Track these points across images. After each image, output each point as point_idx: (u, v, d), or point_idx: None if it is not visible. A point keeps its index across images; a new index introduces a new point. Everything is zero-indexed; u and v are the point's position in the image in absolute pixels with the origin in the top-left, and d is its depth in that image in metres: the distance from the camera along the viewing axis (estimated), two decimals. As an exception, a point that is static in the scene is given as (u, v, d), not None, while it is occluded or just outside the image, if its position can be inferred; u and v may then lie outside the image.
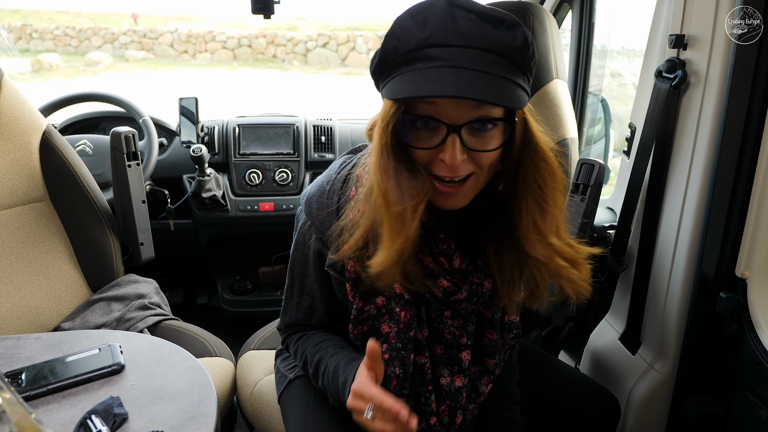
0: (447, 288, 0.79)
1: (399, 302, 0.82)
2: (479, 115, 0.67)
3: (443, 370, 0.86)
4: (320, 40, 15.19)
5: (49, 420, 0.78)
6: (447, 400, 0.86)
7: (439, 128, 0.68)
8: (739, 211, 1.01)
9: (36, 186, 1.32)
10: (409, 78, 0.66)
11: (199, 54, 15.54)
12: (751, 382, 0.99)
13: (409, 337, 0.83)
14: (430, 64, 0.65)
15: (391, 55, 0.68)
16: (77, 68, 13.63)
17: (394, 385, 0.84)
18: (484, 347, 0.87)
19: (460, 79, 0.63)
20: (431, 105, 0.67)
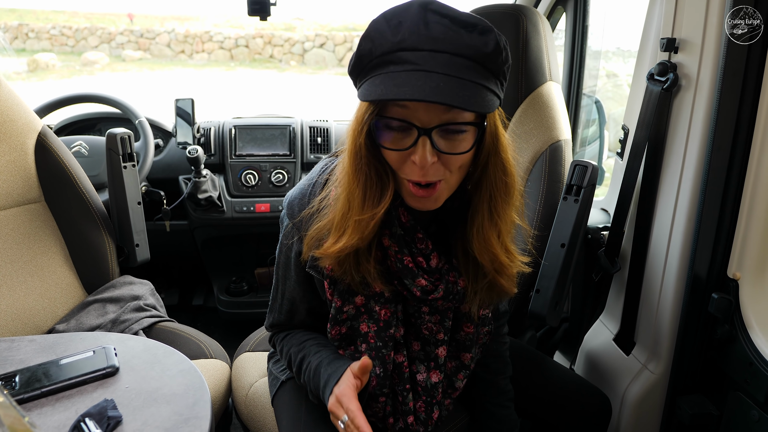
0: (425, 287, 0.81)
1: (379, 301, 0.84)
2: (449, 118, 0.69)
3: (419, 366, 0.88)
4: (317, 41, 15.17)
5: (43, 423, 0.78)
6: (423, 395, 0.88)
7: (410, 131, 0.70)
8: (730, 212, 1.02)
9: (31, 187, 1.32)
10: (381, 80, 0.67)
11: (196, 54, 15.50)
12: (743, 382, 1.00)
13: (389, 335, 0.85)
14: (402, 67, 0.66)
15: (366, 57, 0.69)
16: (74, 68, 13.58)
17: (373, 385, 0.85)
18: (460, 342, 0.90)
19: (429, 83, 0.64)
20: (403, 108, 0.69)
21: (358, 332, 0.87)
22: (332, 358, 0.86)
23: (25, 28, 15.72)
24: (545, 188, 1.30)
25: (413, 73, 0.65)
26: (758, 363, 0.96)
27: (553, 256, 1.19)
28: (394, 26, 0.67)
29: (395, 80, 0.66)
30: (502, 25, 1.34)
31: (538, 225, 1.28)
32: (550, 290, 1.17)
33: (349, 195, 0.75)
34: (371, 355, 0.85)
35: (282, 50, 15.30)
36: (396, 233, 0.80)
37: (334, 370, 0.82)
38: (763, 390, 0.95)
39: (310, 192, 0.86)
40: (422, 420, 0.88)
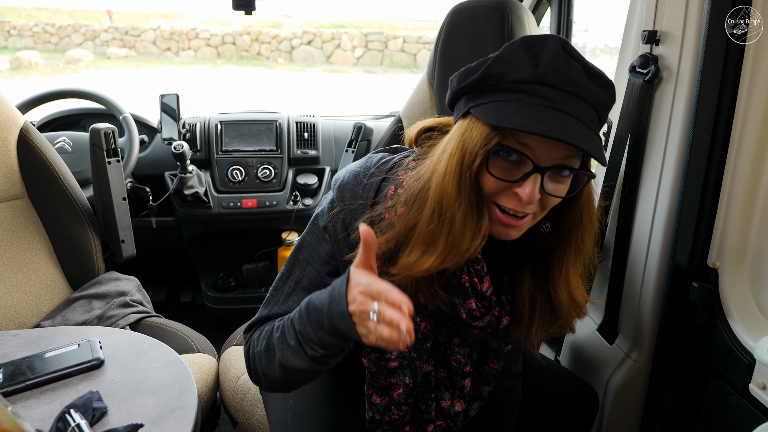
0: (473, 311, 0.79)
1: (421, 313, 0.81)
2: (564, 162, 0.68)
3: (444, 393, 0.87)
4: (305, 38, 15.13)
5: (28, 415, 0.78)
6: (447, 419, 0.88)
7: (524, 164, 0.68)
8: (710, 203, 1.04)
9: (14, 183, 1.31)
10: (515, 109, 0.65)
11: (182, 51, 15.37)
12: (722, 369, 1.02)
13: (426, 348, 0.83)
14: (537, 100, 0.65)
15: (494, 78, 0.67)
16: (57, 66, 13.40)
17: (400, 393, 0.83)
18: (483, 375, 0.89)
19: (568, 125, 0.63)
20: (525, 146, 0.67)
21: None
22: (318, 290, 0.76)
23: (7, 25, 15.47)
24: (530, 180, 1.31)
25: (551, 111, 0.64)
26: (737, 350, 0.98)
27: (537, 248, 1.21)
28: (532, 56, 0.66)
29: (534, 113, 0.64)
30: (487, 18, 1.36)
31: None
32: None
33: (443, 213, 0.70)
34: (401, 364, 0.82)
35: (269, 47, 15.24)
36: None
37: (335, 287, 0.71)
38: (742, 376, 0.97)
39: (366, 182, 0.81)
40: None
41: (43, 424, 0.76)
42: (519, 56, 0.66)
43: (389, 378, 0.84)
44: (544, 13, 1.82)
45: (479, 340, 0.86)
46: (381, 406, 0.85)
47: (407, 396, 0.84)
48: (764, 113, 0.97)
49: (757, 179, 1.01)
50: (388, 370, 0.84)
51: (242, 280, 2.24)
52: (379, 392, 0.86)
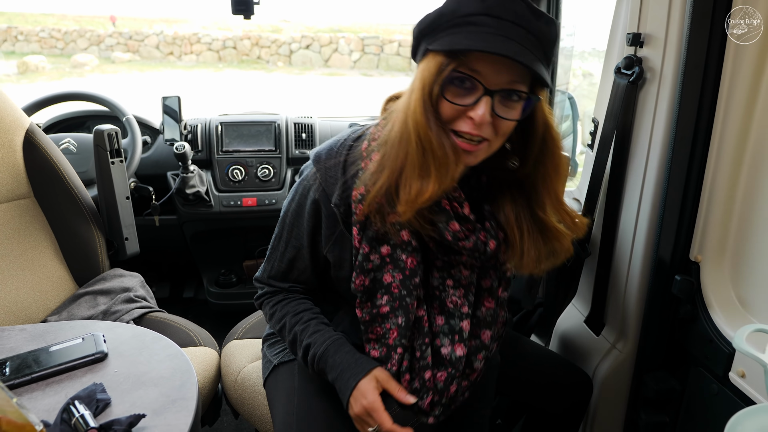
0: (457, 233, 0.83)
1: (406, 249, 0.85)
2: (512, 86, 0.75)
3: (444, 339, 0.88)
4: (303, 42, 15.24)
5: (33, 406, 0.80)
6: (449, 367, 0.88)
7: (476, 89, 0.75)
8: (692, 199, 1.06)
9: (20, 183, 1.35)
10: (465, 36, 0.73)
11: (184, 56, 15.46)
12: (704, 358, 1.05)
13: (415, 283, 0.86)
14: (484, 29, 0.73)
15: (448, 15, 0.75)
16: (63, 70, 13.49)
17: (394, 337, 0.87)
18: (481, 318, 0.91)
19: (511, 47, 0.71)
20: (475, 71, 0.75)
21: (381, 284, 0.87)
22: (338, 346, 0.89)
23: (14, 30, 15.61)
24: (519, 178, 1.34)
25: (497, 36, 0.72)
26: (717, 340, 1.01)
27: (527, 243, 1.24)
28: None
29: (481, 37, 0.72)
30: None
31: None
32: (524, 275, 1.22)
33: (422, 141, 0.76)
34: (393, 306, 0.86)
35: (269, 51, 15.34)
36: None
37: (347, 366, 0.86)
38: (722, 365, 0.99)
39: (339, 145, 0.89)
40: (438, 388, 0.89)
41: (49, 415, 0.78)
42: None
43: (383, 323, 0.87)
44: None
45: (472, 281, 0.89)
46: (380, 356, 0.89)
47: (401, 337, 0.86)
48: (744, 112, 1.00)
49: (736, 176, 1.03)
50: (381, 315, 0.87)
51: (243, 276, 2.28)
52: (376, 344, 0.89)
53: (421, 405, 0.88)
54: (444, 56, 0.75)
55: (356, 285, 0.88)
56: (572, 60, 1.99)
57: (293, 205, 0.94)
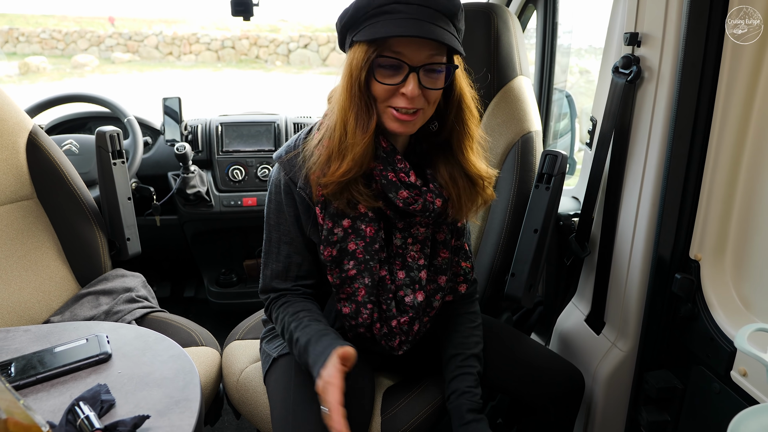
0: (406, 199, 0.96)
1: (364, 220, 0.98)
2: (432, 60, 0.87)
3: (407, 290, 1.02)
4: (301, 41, 15.30)
5: (39, 407, 0.81)
6: (411, 312, 1.02)
7: (401, 68, 0.87)
8: (691, 197, 1.06)
9: (23, 185, 1.35)
10: (382, 25, 0.84)
11: (183, 56, 15.48)
12: (705, 356, 1.05)
13: (375, 249, 0.99)
14: (397, 15, 0.84)
15: (363, 9, 0.86)
16: (64, 71, 13.51)
17: (363, 294, 1.00)
18: (438, 266, 1.05)
19: (423, 27, 0.83)
20: (398, 53, 0.86)
21: (347, 252, 0.99)
22: (320, 335, 0.95)
23: (16, 32, 15.65)
24: (518, 177, 1.35)
25: (409, 20, 0.84)
26: (718, 338, 1.01)
27: (526, 242, 1.25)
28: None
29: (396, 24, 0.83)
30: (474, 22, 1.39)
31: (511, 212, 1.33)
32: (524, 273, 1.23)
33: (344, 122, 0.90)
34: (359, 269, 0.99)
35: (267, 51, 15.38)
36: (380, 155, 0.96)
37: (321, 350, 0.91)
38: (724, 364, 0.99)
39: (295, 141, 1.02)
40: (404, 330, 1.03)
41: (54, 416, 0.78)
42: None
43: (352, 284, 1.00)
44: (530, 16, 1.86)
45: (427, 236, 1.03)
46: (351, 312, 1.02)
47: (369, 294, 1.00)
48: (742, 111, 1.00)
49: (735, 174, 1.03)
50: (350, 278, 1.00)
51: (243, 276, 2.29)
52: (346, 302, 1.02)
53: (392, 344, 1.03)
54: (368, 45, 0.86)
55: (325, 256, 0.99)
56: (570, 57, 1.99)
57: (272, 205, 1.04)
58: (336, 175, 0.91)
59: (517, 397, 1.15)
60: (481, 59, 1.41)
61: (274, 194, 1.02)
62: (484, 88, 1.44)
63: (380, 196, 0.97)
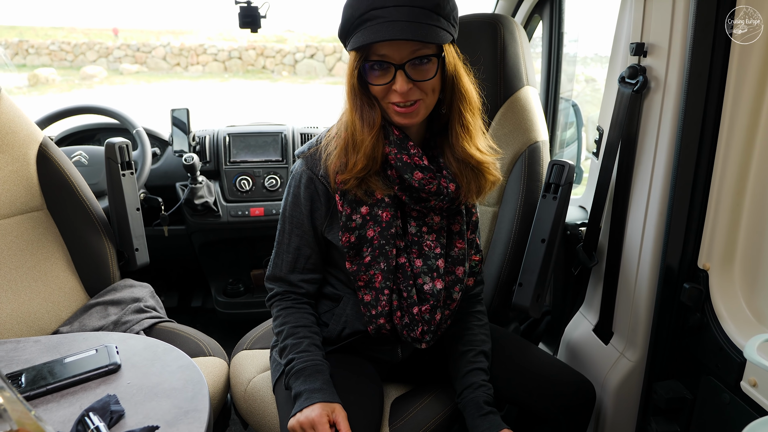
0: (421, 180, 1.00)
1: (381, 206, 1.02)
2: (415, 54, 0.92)
3: (425, 278, 1.04)
4: (308, 52, 15.46)
5: (49, 418, 0.81)
6: (431, 300, 1.04)
7: (388, 69, 0.93)
8: (699, 206, 1.06)
9: (33, 196, 1.37)
10: (363, 33, 0.90)
11: (191, 66, 15.65)
12: (714, 367, 1.04)
13: (391, 233, 1.02)
14: (376, 22, 0.89)
15: (349, 20, 0.93)
16: (73, 82, 13.69)
17: (379, 280, 1.03)
18: (454, 257, 1.07)
19: (395, 29, 0.88)
20: (381, 54, 0.92)
21: (365, 239, 1.03)
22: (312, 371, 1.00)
23: (25, 44, 15.90)
24: (525, 187, 1.35)
25: (383, 24, 0.88)
26: (728, 349, 1.00)
27: (534, 251, 1.25)
28: None
29: (372, 31, 0.89)
30: (480, 33, 1.40)
31: (519, 222, 1.33)
32: (532, 283, 1.23)
33: (353, 122, 0.97)
34: (374, 255, 1.03)
35: (274, 61, 15.54)
36: (393, 140, 1.00)
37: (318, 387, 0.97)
38: (734, 374, 0.98)
39: (315, 141, 1.08)
40: (426, 319, 1.04)
41: (64, 426, 0.79)
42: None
43: (368, 271, 1.03)
44: (536, 26, 1.87)
45: (443, 226, 1.06)
46: (372, 300, 1.04)
47: (385, 280, 1.03)
48: (749, 120, 1.00)
49: (743, 184, 1.03)
50: (365, 264, 1.03)
51: (251, 285, 2.30)
52: (365, 289, 1.05)
53: (414, 335, 1.04)
54: (356, 52, 0.93)
55: (343, 242, 1.03)
56: (576, 66, 2.00)
57: (290, 198, 1.08)
58: (354, 172, 0.97)
59: (526, 407, 1.14)
60: (488, 70, 1.42)
61: (294, 188, 1.07)
62: (491, 99, 1.44)
63: (395, 182, 1.01)
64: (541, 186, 1.32)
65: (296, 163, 1.09)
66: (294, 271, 1.09)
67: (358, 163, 0.97)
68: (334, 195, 1.03)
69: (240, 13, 1.65)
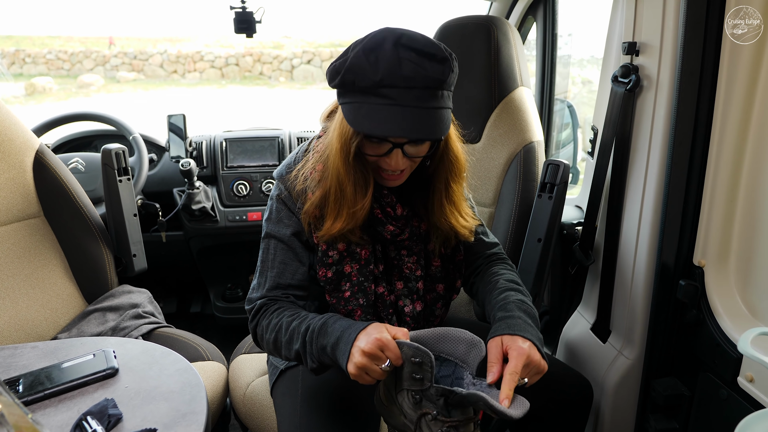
0: (393, 231, 1.00)
1: (359, 244, 1.00)
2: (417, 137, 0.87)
3: (405, 300, 1.04)
4: (305, 57, 15.54)
5: (47, 422, 0.81)
6: (412, 323, 1.03)
7: (386, 143, 0.89)
8: (693, 203, 1.07)
9: (30, 203, 1.37)
10: (366, 113, 0.84)
11: (188, 73, 15.70)
12: (711, 363, 1.05)
13: (370, 270, 1.01)
14: (382, 101, 0.83)
15: (350, 85, 0.85)
16: (70, 90, 13.71)
17: (359, 314, 1.01)
18: (432, 275, 1.07)
19: (406, 119, 0.82)
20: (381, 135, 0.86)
21: (343, 274, 1.01)
22: (336, 317, 0.90)
23: (22, 53, 15.95)
24: (521, 187, 1.36)
25: (392, 108, 0.83)
26: (724, 345, 1.01)
27: (530, 251, 1.25)
28: (372, 63, 0.82)
29: (379, 115, 0.83)
30: (474, 35, 1.41)
31: (515, 222, 1.34)
32: (529, 283, 1.23)
33: (341, 186, 0.93)
34: (353, 291, 1.01)
35: (271, 67, 15.60)
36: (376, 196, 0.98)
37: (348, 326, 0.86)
38: (730, 370, 0.99)
39: (294, 158, 1.05)
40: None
41: (62, 431, 0.79)
42: (362, 64, 0.83)
43: (347, 306, 1.01)
44: (530, 28, 1.88)
45: (422, 248, 1.05)
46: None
47: (365, 313, 1.01)
48: (741, 117, 1.01)
49: (736, 179, 1.04)
50: (344, 299, 1.01)
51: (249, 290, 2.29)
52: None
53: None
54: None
55: (320, 276, 1.01)
56: (571, 68, 2.01)
57: (272, 216, 1.05)
58: (333, 232, 0.95)
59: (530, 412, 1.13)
60: (482, 71, 1.43)
61: (275, 211, 1.04)
62: (486, 100, 1.45)
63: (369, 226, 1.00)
64: (537, 186, 1.32)
65: (275, 186, 1.06)
66: (278, 286, 1.01)
67: (338, 223, 0.94)
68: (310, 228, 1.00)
69: (235, 18, 1.66)
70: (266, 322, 0.98)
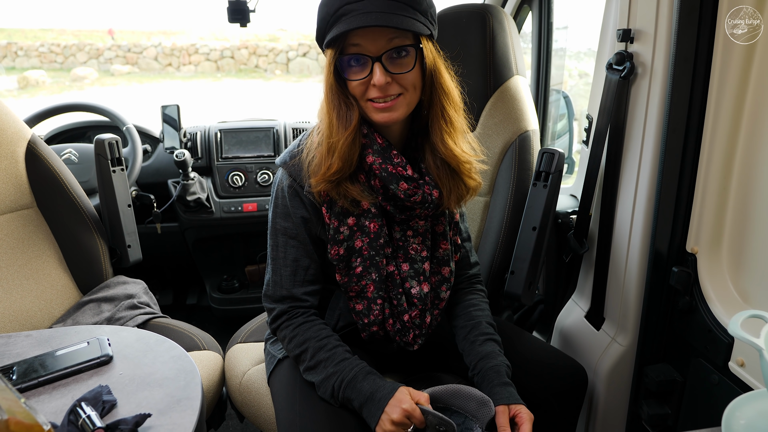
0: (407, 190, 0.99)
1: (368, 216, 1.01)
2: (392, 45, 0.89)
3: (412, 281, 1.04)
4: (300, 50, 15.48)
5: (41, 409, 0.81)
6: (419, 305, 1.05)
7: (365, 61, 0.90)
8: (687, 190, 1.07)
9: (23, 194, 1.36)
10: (337, 28, 0.88)
11: (183, 66, 15.60)
12: (703, 349, 1.05)
13: (380, 244, 1.02)
14: (350, 15, 0.87)
15: (324, 19, 0.91)
16: (63, 84, 13.61)
17: (372, 290, 1.02)
18: (439, 258, 1.08)
19: (369, 17, 0.86)
20: (356, 46, 0.89)
21: (354, 249, 1.02)
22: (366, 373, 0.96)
23: (14, 46, 15.80)
24: (516, 176, 1.36)
25: (358, 15, 0.87)
26: (716, 330, 1.02)
27: (525, 239, 1.25)
28: None
29: (347, 22, 0.87)
30: (469, 23, 1.41)
31: (510, 211, 1.34)
32: (524, 271, 1.24)
33: (329, 122, 0.94)
34: (365, 266, 1.01)
35: (267, 60, 15.52)
36: (376, 149, 0.98)
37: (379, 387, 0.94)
38: (722, 355, 1.00)
39: (297, 145, 1.04)
40: (417, 324, 1.05)
41: (56, 417, 0.79)
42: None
43: (360, 281, 1.02)
44: (526, 17, 1.88)
45: (427, 228, 1.06)
46: (364, 309, 1.04)
47: (377, 290, 1.02)
48: (734, 104, 1.01)
49: (729, 167, 1.04)
50: (357, 275, 1.02)
51: (245, 281, 2.30)
52: (357, 299, 1.04)
53: (406, 339, 1.06)
54: (331, 49, 0.91)
55: (332, 255, 1.01)
56: (567, 60, 2.01)
57: (278, 209, 1.04)
58: (327, 175, 0.95)
59: (520, 393, 1.15)
60: (477, 59, 1.42)
61: (281, 198, 1.03)
62: (481, 89, 1.45)
63: (379, 191, 0.99)
64: (532, 174, 1.33)
65: (278, 173, 1.05)
66: (295, 284, 1.04)
67: (333, 166, 0.94)
68: (321, 207, 1.01)
69: (228, 7, 1.65)
70: (291, 334, 1.03)
